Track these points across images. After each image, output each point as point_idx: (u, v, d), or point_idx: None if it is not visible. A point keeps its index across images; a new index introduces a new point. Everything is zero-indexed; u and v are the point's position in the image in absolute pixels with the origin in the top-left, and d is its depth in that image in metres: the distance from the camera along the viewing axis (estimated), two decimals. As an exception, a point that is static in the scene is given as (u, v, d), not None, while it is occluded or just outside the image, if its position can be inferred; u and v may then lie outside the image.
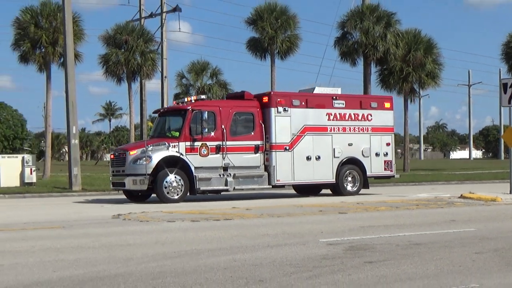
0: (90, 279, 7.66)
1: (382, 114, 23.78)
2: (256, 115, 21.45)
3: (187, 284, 7.38)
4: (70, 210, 18.24)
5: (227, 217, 14.98)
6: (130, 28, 45.15)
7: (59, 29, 39.32)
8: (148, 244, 10.52)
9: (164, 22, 46.10)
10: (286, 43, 46.37)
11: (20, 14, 41.59)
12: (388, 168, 23.77)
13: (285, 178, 21.69)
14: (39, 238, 11.52)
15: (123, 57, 44.00)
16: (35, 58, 41.70)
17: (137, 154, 20.09)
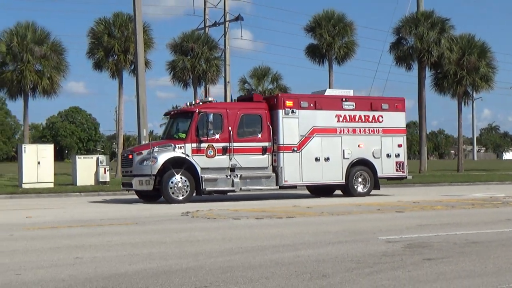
0: (163, 272, 7.76)
1: (394, 115, 23.04)
2: (264, 117, 20.93)
3: (254, 278, 7.40)
4: (141, 207, 18.50)
5: (289, 215, 14.98)
6: (195, 36, 45.58)
7: (130, 38, 40.02)
8: (215, 240, 10.60)
9: (227, 31, 46.38)
10: (343, 49, 46.16)
11: (94, 25, 42.52)
12: (400, 169, 22.98)
13: (293, 179, 21.13)
14: (115, 233, 11.73)
15: (189, 64, 44.45)
16: (108, 65, 42.52)
17: (143, 155, 19.86)
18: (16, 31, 39.27)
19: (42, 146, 30.04)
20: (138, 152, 20.19)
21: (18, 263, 8.36)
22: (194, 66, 44.36)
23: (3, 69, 39.52)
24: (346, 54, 46.57)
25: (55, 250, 9.61)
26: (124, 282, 7.17)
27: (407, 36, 45.53)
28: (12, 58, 39.16)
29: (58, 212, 17.11)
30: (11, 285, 7.07)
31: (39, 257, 8.87)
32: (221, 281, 7.21)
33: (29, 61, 38.63)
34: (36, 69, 39.38)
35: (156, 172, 19.39)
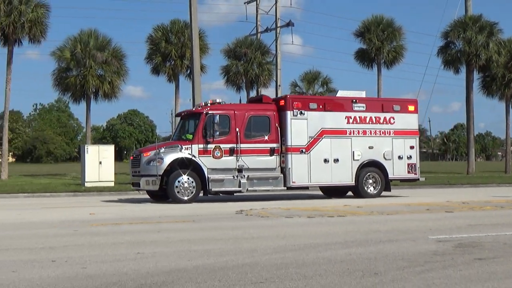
0: (220, 268, 7.79)
1: (406, 117, 22.16)
2: (272, 118, 20.41)
3: (308, 274, 7.37)
4: (197, 206, 18.61)
5: (340, 214, 14.88)
6: (248, 42, 45.78)
7: (187, 44, 40.43)
8: (270, 237, 10.59)
9: (278, 36, 46.39)
10: (392, 53, 45.73)
11: (153, 32, 43.12)
12: (412, 171, 22.10)
13: (301, 180, 20.49)
14: (173, 230, 11.84)
15: (242, 68, 44.67)
16: (165, 70, 43.04)
17: (150, 156, 19.58)
18: (79, 38, 40.09)
19: (103, 147, 30.50)
20: (146, 153, 19.95)
21: (83, 257, 8.51)
22: (247, 70, 44.56)
23: (67, 74, 40.37)
24: (395, 58, 46.12)
25: (117, 245, 9.76)
26: (183, 277, 7.23)
27: (455, 40, 44.86)
28: (76, 64, 39.97)
29: (119, 209, 17.37)
30: (77, 277, 7.20)
31: (103, 252, 9.01)
32: (276, 277, 7.20)
33: (91, 67, 39.36)
34: (98, 74, 40.10)
35: (162, 172, 19.16)
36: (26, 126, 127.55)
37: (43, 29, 38.08)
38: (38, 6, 37.86)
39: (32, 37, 37.89)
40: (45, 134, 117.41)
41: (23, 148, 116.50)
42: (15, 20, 36.72)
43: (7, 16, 36.66)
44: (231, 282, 6.98)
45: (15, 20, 36.74)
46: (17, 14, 36.84)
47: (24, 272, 7.51)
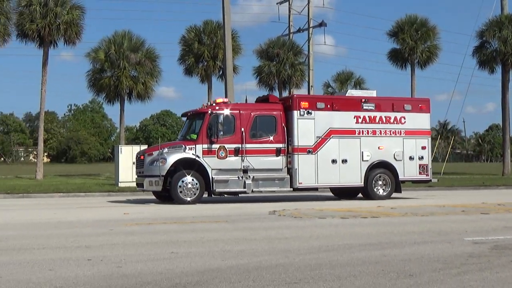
0: (254, 268, 7.80)
1: (417, 116, 21.49)
2: (278, 118, 20.01)
3: (342, 275, 7.34)
4: (231, 206, 18.66)
5: (374, 215, 14.79)
6: (281, 43, 45.80)
7: (219, 45, 40.59)
8: (303, 238, 10.57)
9: (311, 36, 46.29)
10: (426, 53, 45.33)
11: (185, 33, 43.41)
12: (423, 172, 21.44)
13: (308, 181, 20.01)
14: (207, 230, 11.88)
15: (274, 69, 44.70)
16: (198, 71, 43.27)
17: (154, 156, 19.36)
18: (113, 39, 40.52)
19: (137, 147, 30.74)
20: (149, 153, 19.76)
21: (118, 256, 8.59)
22: (279, 71, 44.58)
23: (102, 75, 40.83)
24: (429, 58, 45.71)
25: (152, 244, 9.83)
26: (217, 277, 7.25)
27: (490, 40, 44.23)
28: (110, 65, 40.41)
29: (153, 209, 17.50)
30: (112, 276, 7.27)
31: (137, 251, 9.08)
32: (310, 278, 7.19)
33: (125, 68, 39.75)
34: (131, 75, 40.49)
35: (165, 172, 18.97)
36: (60, 127, 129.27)
37: (78, 30, 38.56)
38: (73, 8, 38.36)
39: (67, 38, 38.40)
40: (79, 135, 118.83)
41: (57, 148, 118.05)
42: (50, 22, 37.25)
43: (43, 18, 37.21)
44: (265, 282, 6.98)
45: (51, 22, 37.27)
46: (52, 16, 37.36)
47: (60, 271, 7.61)
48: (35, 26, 37.14)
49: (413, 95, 46.15)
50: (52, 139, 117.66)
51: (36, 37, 37.85)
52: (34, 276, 7.27)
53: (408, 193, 24.30)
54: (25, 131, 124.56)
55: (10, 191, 24.72)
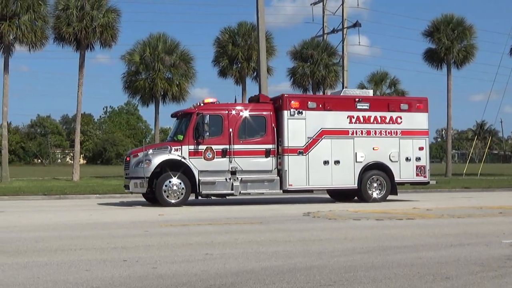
0: (288, 270, 7.79)
1: (414, 116, 20.79)
2: (268, 119, 19.54)
3: (377, 278, 7.29)
4: (266, 207, 18.66)
5: (409, 216, 14.66)
6: (315, 44, 45.72)
7: (253, 46, 40.69)
8: (337, 240, 10.53)
9: (345, 37, 46.13)
10: (462, 52, 44.83)
11: (220, 35, 43.62)
12: (421, 173, 20.71)
13: (298, 182, 19.47)
14: (241, 232, 11.90)
15: (308, 70, 44.64)
16: (232, 72, 43.44)
17: (139, 157, 19.04)
18: (148, 42, 40.89)
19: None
20: (135, 155, 19.44)
21: (154, 257, 8.66)
22: (313, 72, 44.49)
23: (137, 77, 41.22)
24: (465, 57, 45.20)
25: (186, 246, 9.89)
26: (251, 278, 7.27)
27: (528, 38, 43.57)
28: (145, 67, 40.79)
29: (187, 210, 17.58)
30: (148, 277, 7.33)
31: (172, 252, 9.14)
32: (345, 280, 7.15)
33: (160, 70, 40.08)
34: (166, 77, 40.81)
35: (149, 174, 18.66)
36: (96, 129, 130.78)
37: (113, 33, 38.99)
38: (109, 11, 38.80)
39: (103, 41, 38.86)
40: (115, 136, 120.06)
41: (93, 150, 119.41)
42: (87, 25, 37.74)
43: (79, 21, 37.71)
44: (299, 284, 6.97)
45: (87, 25, 37.75)
46: (89, 19, 37.85)
47: (96, 271, 7.70)
48: (71, 29, 37.66)
49: (449, 95, 45.68)
50: (88, 141, 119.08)
51: (72, 40, 38.37)
52: (71, 277, 7.37)
53: (444, 195, 24.05)
54: (62, 133, 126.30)
55: (47, 193, 25.10)
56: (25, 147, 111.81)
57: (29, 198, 23.86)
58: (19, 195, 24.61)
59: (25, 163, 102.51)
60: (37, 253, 9.19)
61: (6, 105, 36.55)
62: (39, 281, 7.12)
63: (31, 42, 36.22)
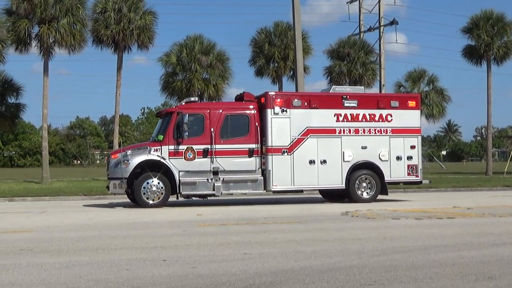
0: (328, 269, 7.75)
1: (406, 114, 20.13)
2: (251, 117, 19.10)
3: (418, 277, 7.21)
4: (304, 207, 18.61)
5: (449, 215, 14.47)
6: (351, 42, 45.45)
7: (290, 46, 40.65)
8: (377, 239, 10.44)
9: (382, 35, 45.77)
10: (503, 49, 44.14)
11: (256, 35, 43.69)
12: (412, 173, 20.03)
13: (283, 183, 19.01)
14: (279, 231, 11.89)
15: (345, 68, 44.40)
16: (269, 72, 43.46)
17: (118, 158, 18.84)
18: (185, 43, 41.14)
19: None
20: (114, 155, 19.33)
21: (193, 257, 8.70)
22: (350, 70, 44.25)
23: (174, 78, 41.49)
24: (506, 54, 44.49)
25: (225, 245, 9.91)
26: (291, 278, 7.25)
27: None
28: (182, 68, 41.03)
29: (225, 209, 17.63)
30: (187, 277, 7.37)
31: (211, 252, 9.17)
32: (385, 280, 7.09)
33: (196, 70, 40.29)
34: (203, 77, 40.99)
35: (127, 175, 18.45)
36: (134, 130, 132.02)
37: (150, 35, 39.34)
38: (146, 13, 39.15)
39: (140, 43, 39.23)
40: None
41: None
42: (124, 28, 38.13)
43: (117, 24, 38.13)
44: (339, 284, 6.93)
45: (125, 27, 38.15)
46: (126, 21, 38.23)
47: (137, 271, 7.77)
48: (109, 32, 38.09)
49: (489, 92, 45.02)
50: (126, 142, 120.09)
51: (110, 42, 38.80)
52: (112, 276, 7.45)
53: (484, 193, 23.67)
54: (101, 135, 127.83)
55: (87, 193, 25.43)
56: (65, 149, 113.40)
57: (70, 199, 24.21)
58: (59, 195, 24.98)
59: (65, 165, 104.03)
60: (78, 252, 9.32)
61: (46, 107, 37.14)
62: (81, 280, 7.21)
63: (70, 45, 36.74)
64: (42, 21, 36.05)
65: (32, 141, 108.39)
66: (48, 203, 22.05)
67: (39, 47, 37.21)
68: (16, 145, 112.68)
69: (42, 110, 37.20)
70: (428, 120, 47.26)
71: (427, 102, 45.68)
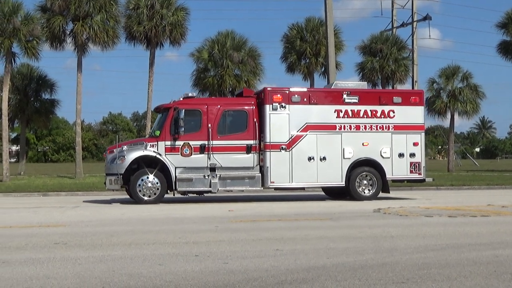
0: (360, 266, 7.72)
1: (408, 110, 19.65)
2: (249, 113, 18.84)
3: (451, 276, 7.14)
4: (335, 204, 18.54)
5: (484, 213, 14.29)
6: (384, 38, 45.13)
7: (321, 42, 40.50)
8: (409, 237, 10.36)
9: (415, 31, 45.39)
10: (538, 44, 43.34)
11: (288, 31, 43.61)
12: (415, 170, 19.62)
13: (281, 180, 18.74)
14: (311, 228, 11.88)
15: (378, 65, 44.09)
16: (300, 68, 43.37)
17: (114, 154, 18.69)
18: (217, 39, 41.25)
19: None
20: (110, 151, 19.16)
21: (225, 253, 8.73)
22: (382, 66, 43.94)
23: (205, 74, 41.65)
24: (541, 49, 43.71)
25: (256, 242, 9.92)
26: (323, 275, 7.23)
27: None
28: (213, 64, 41.16)
29: (257, 206, 17.66)
30: (219, 272, 7.40)
31: (243, 248, 9.20)
32: (418, 278, 7.04)
33: (228, 67, 40.37)
34: (234, 73, 41.05)
35: (123, 171, 18.31)
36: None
37: (183, 31, 39.51)
38: (178, 10, 39.33)
39: (172, 39, 39.43)
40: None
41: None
42: (157, 24, 38.36)
43: (149, 20, 38.37)
44: (372, 281, 6.89)
45: (157, 24, 38.38)
46: (159, 18, 38.46)
47: (169, 266, 7.83)
48: (142, 28, 38.35)
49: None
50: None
51: (143, 39, 39.06)
52: (145, 270, 7.52)
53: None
54: (133, 130, 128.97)
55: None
56: (98, 144, 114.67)
57: (102, 194, 24.45)
58: (92, 190, 25.25)
59: (98, 160, 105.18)
60: (111, 247, 9.42)
61: (79, 103, 37.56)
62: (114, 274, 7.29)
63: (103, 42, 37.05)
64: (76, 17, 36.43)
65: (66, 137, 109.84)
66: (81, 198, 22.31)
67: (73, 43, 37.62)
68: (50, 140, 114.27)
69: (76, 105, 37.63)
70: (462, 116, 46.77)
71: (461, 99, 45.19)
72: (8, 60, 34.56)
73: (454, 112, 46.45)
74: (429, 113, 45.75)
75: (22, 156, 45.76)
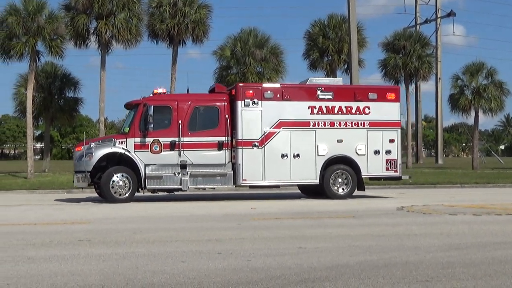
0: (384, 265, 7.68)
1: (384, 106, 19.31)
2: (221, 109, 18.54)
3: (476, 275, 7.08)
4: (357, 201, 18.46)
5: (509, 212, 14.15)
6: (407, 34, 44.91)
7: (344, 39, 40.35)
8: (433, 235, 10.28)
9: (439, 27, 45.08)
10: None
11: (310, 28, 43.50)
12: (391, 168, 19.26)
13: (253, 177, 18.44)
14: (333, 225, 11.84)
15: (401, 61, 43.86)
16: (323, 65, 43.25)
17: (82, 151, 18.38)
18: (239, 37, 41.23)
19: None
20: (78, 148, 18.93)
21: (247, 250, 8.74)
22: (405, 63, 43.70)
23: (228, 72, 41.66)
24: None
25: (279, 239, 9.92)
26: (346, 273, 7.21)
27: None
28: (236, 62, 41.16)
29: (279, 203, 17.65)
30: (242, 270, 7.40)
31: (266, 246, 9.19)
32: (442, 276, 6.98)
33: (250, 64, 40.34)
34: (257, 71, 41.01)
35: (90, 168, 17.94)
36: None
37: (205, 29, 39.55)
38: (201, 7, 39.38)
39: (195, 37, 39.49)
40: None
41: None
42: (179, 22, 38.45)
43: (172, 18, 38.49)
44: (395, 279, 6.85)
45: (180, 21, 38.46)
46: (181, 15, 38.54)
47: (192, 263, 7.85)
48: (165, 26, 38.47)
49: (551, 85, 43.77)
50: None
51: (166, 36, 39.19)
52: (168, 267, 7.55)
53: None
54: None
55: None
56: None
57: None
58: (116, 188, 25.35)
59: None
60: (135, 244, 9.47)
61: (103, 100, 37.80)
62: (138, 271, 7.33)
63: (126, 40, 37.22)
64: (100, 16, 36.64)
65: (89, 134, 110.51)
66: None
67: (96, 42, 37.87)
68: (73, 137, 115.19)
69: (99, 103, 37.88)
70: (486, 114, 46.27)
71: (485, 96, 44.75)
72: (32, 59, 34.84)
73: (478, 109, 46.00)
74: (453, 110, 45.39)
75: (47, 153, 46.16)
